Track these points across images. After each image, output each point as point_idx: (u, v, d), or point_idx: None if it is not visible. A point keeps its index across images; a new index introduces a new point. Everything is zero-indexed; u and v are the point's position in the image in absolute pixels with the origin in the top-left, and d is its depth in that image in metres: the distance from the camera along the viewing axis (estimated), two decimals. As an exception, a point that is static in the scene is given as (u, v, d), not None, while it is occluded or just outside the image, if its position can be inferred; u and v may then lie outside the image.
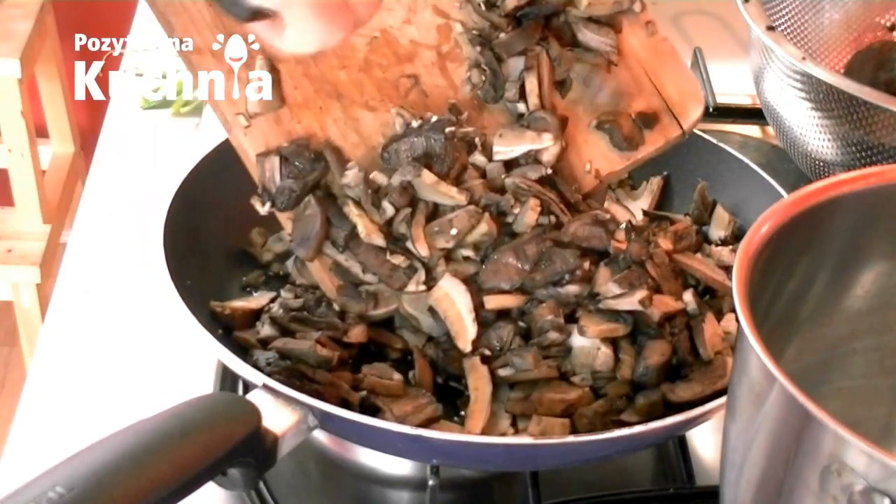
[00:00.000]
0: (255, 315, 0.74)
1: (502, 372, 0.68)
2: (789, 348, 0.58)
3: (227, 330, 0.73)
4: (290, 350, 0.68)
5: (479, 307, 0.70)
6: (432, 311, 0.70)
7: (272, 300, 0.75)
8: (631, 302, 0.69)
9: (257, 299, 0.76)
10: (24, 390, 0.78)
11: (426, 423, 0.65)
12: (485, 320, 0.70)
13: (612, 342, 0.69)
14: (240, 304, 0.75)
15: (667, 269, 0.74)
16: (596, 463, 0.72)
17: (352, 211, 0.71)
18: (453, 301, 0.69)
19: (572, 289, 0.70)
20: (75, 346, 0.82)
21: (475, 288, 0.70)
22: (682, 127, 0.80)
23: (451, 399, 0.69)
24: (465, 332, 0.69)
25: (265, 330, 0.72)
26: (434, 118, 0.74)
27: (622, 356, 0.69)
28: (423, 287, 0.71)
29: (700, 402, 0.64)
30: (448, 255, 0.72)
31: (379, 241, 0.71)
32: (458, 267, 0.71)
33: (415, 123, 0.74)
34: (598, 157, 0.79)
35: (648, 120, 0.80)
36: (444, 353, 0.70)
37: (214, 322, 0.72)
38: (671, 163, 0.88)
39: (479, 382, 0.68)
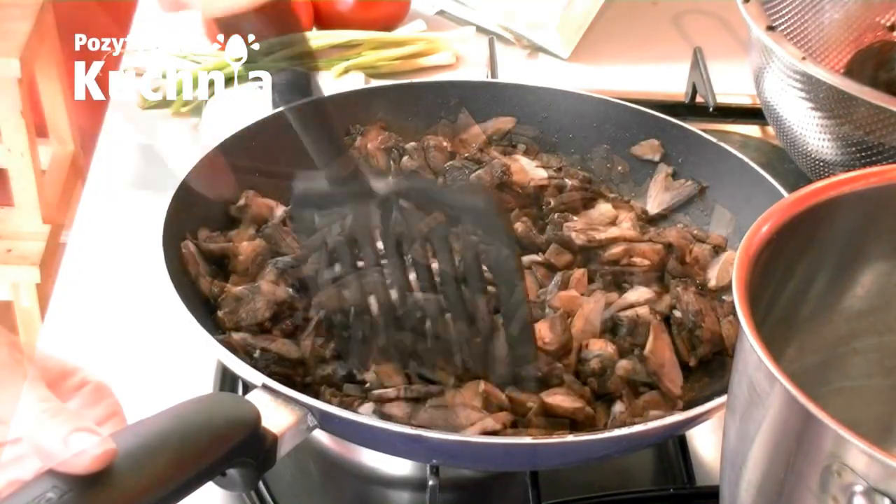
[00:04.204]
0: None
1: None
2: (789, 348, 0.58)
3: (213, 311, 0.72)
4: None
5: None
6: None
7: None
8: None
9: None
10: (23, 390, 0.78)
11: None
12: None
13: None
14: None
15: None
16: (596, 463, 0.72)
17: None
18: None
19: None
20: (75, 346, 0.82)
21: None
22: None
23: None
24: None
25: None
26: None
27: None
28: None
29: (700, 402, 0.64)
30: None
31: None
32: None
33: None
34: None
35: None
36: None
37: (207, 308, 0.72)
38: (672, 163, 0.88)
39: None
